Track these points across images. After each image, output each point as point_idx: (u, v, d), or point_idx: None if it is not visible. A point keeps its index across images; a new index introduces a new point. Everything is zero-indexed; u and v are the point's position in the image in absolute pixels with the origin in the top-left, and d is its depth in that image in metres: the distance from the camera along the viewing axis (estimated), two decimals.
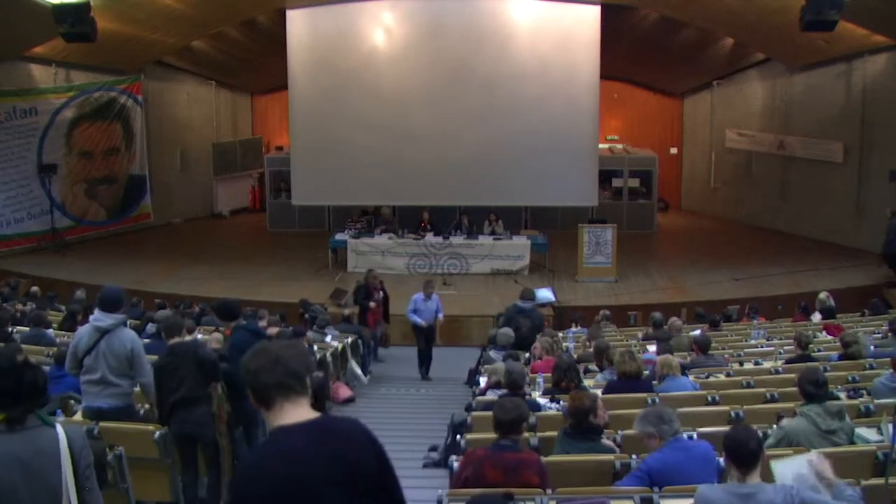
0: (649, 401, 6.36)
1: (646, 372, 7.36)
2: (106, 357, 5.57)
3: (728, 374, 7.76)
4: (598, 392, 6.41)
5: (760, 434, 3.94)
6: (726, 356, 8.83)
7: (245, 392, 2.74)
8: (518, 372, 6.43)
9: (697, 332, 10.04)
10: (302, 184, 17.39)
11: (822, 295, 12.28)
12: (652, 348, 9.06)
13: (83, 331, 5.77)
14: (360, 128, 16.59)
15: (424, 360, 11.91)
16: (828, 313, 11.72)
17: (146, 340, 9.20)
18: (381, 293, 12.65)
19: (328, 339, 10.71)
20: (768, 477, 3.75)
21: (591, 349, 8.49)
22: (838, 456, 4.79)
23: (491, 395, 6.84)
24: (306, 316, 12.01)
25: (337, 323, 12.32)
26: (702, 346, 8.12)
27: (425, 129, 16.57)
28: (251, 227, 21.36)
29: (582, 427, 4.98)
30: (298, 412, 2.62)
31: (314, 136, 16.96)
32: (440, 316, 12.09)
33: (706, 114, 21.93)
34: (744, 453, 3.54)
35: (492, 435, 4.70)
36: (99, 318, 5.67)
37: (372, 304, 12.42)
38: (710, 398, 6.56)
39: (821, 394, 5.09)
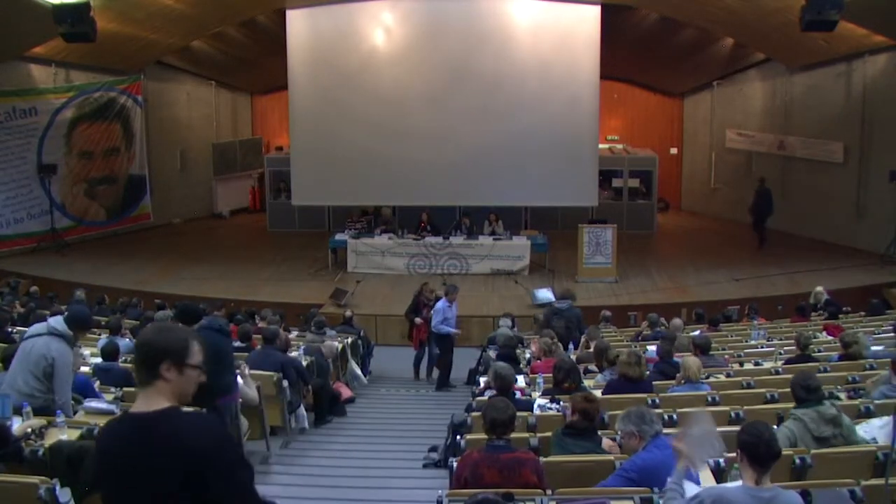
0: (649, 401, 6.34)
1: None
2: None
3: (728, 375, 7.74)
4: (598, 393, 6.41)
5: None
6: (726, 357, 8.82)
7: (214, 394, 2.73)
8: (508, 373, 6.41)
9: (697, 332, 10.04)
10: (302, 184, 17.39)
11: (819, 288, 12.26)
12: (652, 348, 8.98)
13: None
14: (360, 128, 16.58)
15: (447, 368, 11.53)
16: (831, 311, 11.64)
17: None
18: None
19: (328, 339, 10.64)
20: None
21: (591, 350, 8.47)
22: (838, 456, 4.81)
23: (490, 394, 6.84)
24: (301, 317, 12.08)
25: (337, 324, 12.32)
26: (701, 346, 8.08)
27: (425, 129, 16.58)
28: (251, 227, 21.36)
29: (584, 428, 4.99)
30: (141, 402, 2.65)
31: (314, 137, 16.95)
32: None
33: (706, 114, 21.91)
34: (764, 452, 3.39)
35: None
36: (37, 328, 5.71)
37: (418, 320, 11.85)
38: (710, 398, 6.56)
39: (812, 398, 5.07)
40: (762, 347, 9.65)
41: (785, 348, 9.18)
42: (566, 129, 16.47)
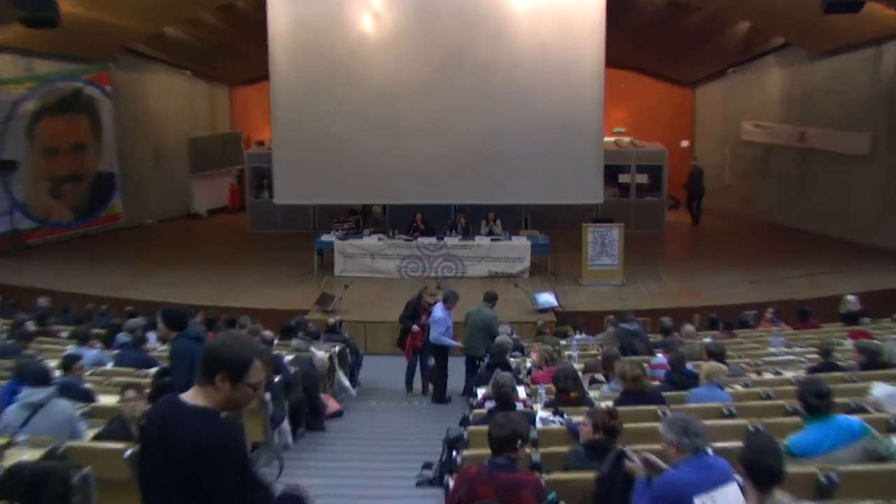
0: (660, 413, 6.31)
1: (655, 383, 7.30)
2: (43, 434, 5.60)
3: (745, 385, 7.70)
4: (609, 404, 6.38)
5: None
6: (743, 365, 8.77)
7: None
8: (508, 384, 6.39)
9: (710, 339, 9.96)
10: (285, 181, 17.26)
11: (849, 297, 12.16)
12: (662, 356, 8.98)
13: (9, 411, 5.81)
14: (348, 121, 16.48)
15: (440, 380, 11.45)
16: (849, 319, 11.63)
17: (116, 351, 9.31)
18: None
19: (316, 348, 10.57)
20: None
21: (600, 358, 8.46)
22: (869, 474, 4.79)
23: (489, 405, 6.82)
24: (291, 323, 11.90)
25: (324, 331, 12.14)
26: (715, 353, 7.97)
27: (417, 122, 16.52)
28: (230, 228, 21.33)
29: (602, 446, 4.99)
30: (192, 393, 3.06)
31: (298, 130, 16.86)
32: None
33: (720, 104, 21.97)
34: (763, 470, 3.36)
35: (489, 450, 4.69)
36: (29, 392, 5.79)
37: (415, 327, 11.68)
38: (725, 410, 6.49)
39: (824, 406, 5.07)
40: (782, 355, 9.61)
41: (807, 356, 9.14)
42: (569, 121, 16.38)
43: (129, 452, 5.39)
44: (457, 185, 16.73)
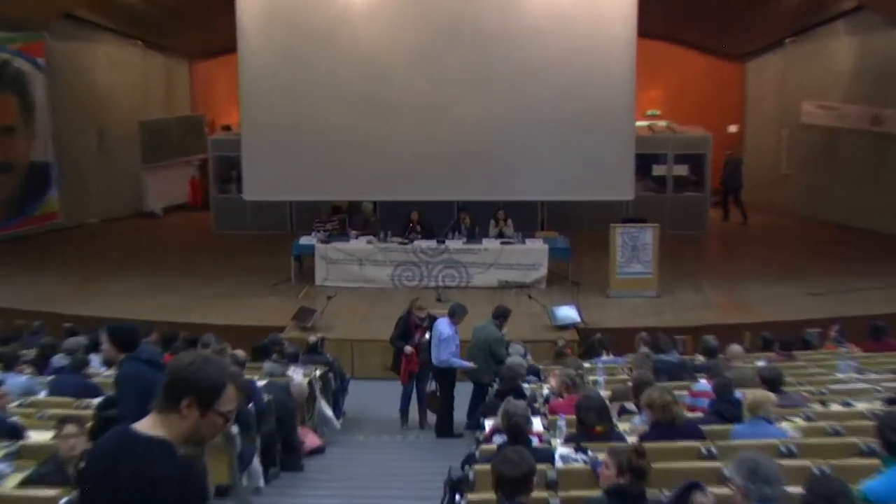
0: (703, 451, 6.30)
1: (697, 414, 7.33)
2: None
3: (807, 418, 7.66)
4: (634, 440, 6.42)
5: None
6: (804, 394, 8.72)
7: None
8: (521, 414, 6.43)
9: (763, 362, 9.99)
10: (256, 173, 17.03)
11: None
12: (704, 382, 8.93)
13: None
14: (331, 101, 16.33)
15: (446, 409, 11.56)
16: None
17: (51, 377, 9.24)
18: (428, 334, 11.80)
19: (293, 371, 10.63)
20: None
21: (630, 384, 8.45)
22: None
23: (498, 440, 6.86)
24: (265, 342, 11.89)
25: (303, 352, 12.22)
26: (770, 380, 7.93)
27: (414, 103, 16.31)
28: (192, 228, 21.29)
29: (637, 494, 5.00)
30: (148, 421, 3.10)
31: (271, 113, 16.62)
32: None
33: (775, 81, 21.93)
34: None
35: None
36: None
37: (408, 348, 11.74)
38: (783, 448, 6.45)
39: None
40: (853, 383, 9.46)
41: (883, 384, 9.07)
42: (594, 102, 16.13)
43: (64, 501, 5.35)
44: (460, 177, 16.51)
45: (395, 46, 16.34)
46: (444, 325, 11.43)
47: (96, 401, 7.90)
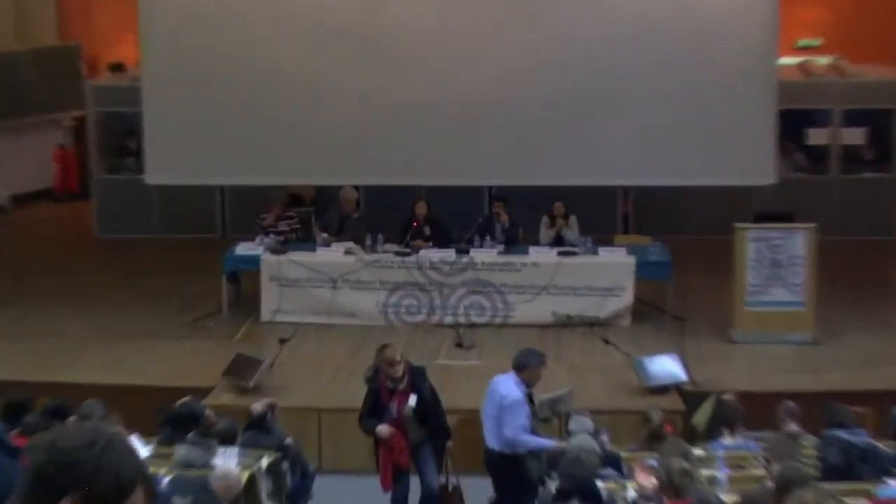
0: None
1: None
2: None
3: None
4: None
5: None
6: None
7: None
8: None
9: None
10: (165, 143, 14.60)
11: None
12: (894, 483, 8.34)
13: None
14: (282, 38, 14.22)
15: None
16: None
17: None
18: (416, 397, 10.09)
19: (224, 459, 9.29)
20: None
21: (770, 482, 7.77)
22: None
23: None
24: (178, 413, 10.22)
25: (241, 430, 10.43)
26: None
27: (416, 36, 14.05)
28: (60, 229, 18.44)
29: None
30: None
31: (190, 51, 14.31)
32: None
33: None
34: None
35: None
36: None
37: (383, 428, 9.98)
38: None
39: None
40: None
41: None
42: (707, 32, 13.66)
43: None
44: (491, 154, 14.07)
45: None
46: (507, 385, 10.02)
47: None
